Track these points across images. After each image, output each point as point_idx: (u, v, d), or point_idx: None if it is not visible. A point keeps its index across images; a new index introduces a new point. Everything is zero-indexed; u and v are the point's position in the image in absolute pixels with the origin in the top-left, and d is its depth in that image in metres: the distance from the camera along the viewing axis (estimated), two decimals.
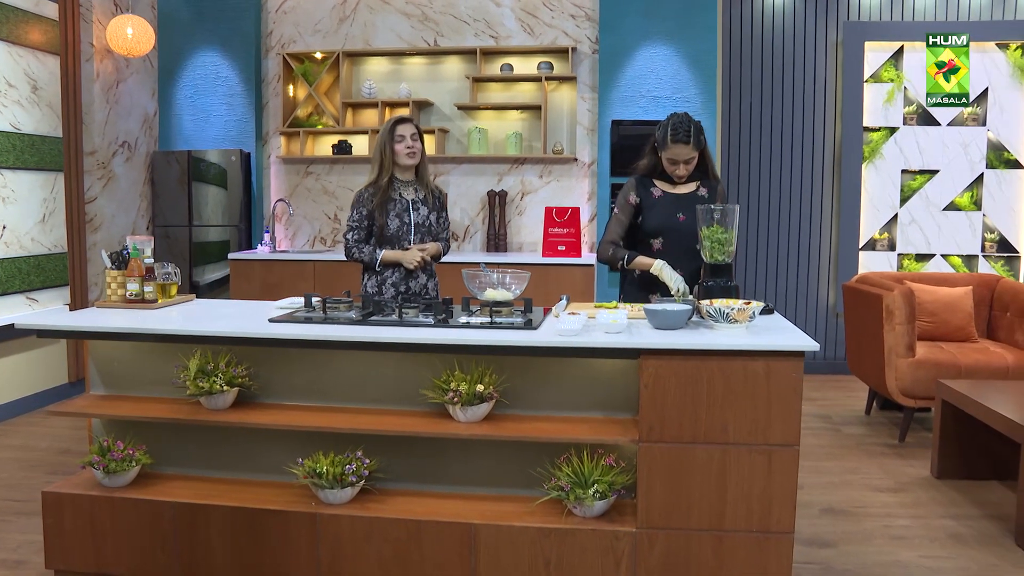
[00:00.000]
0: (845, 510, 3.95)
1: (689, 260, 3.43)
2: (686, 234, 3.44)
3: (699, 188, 3.54)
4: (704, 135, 3.48)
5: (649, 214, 3.54)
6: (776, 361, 2.67)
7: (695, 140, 3.41)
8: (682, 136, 3.40)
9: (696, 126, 3.43)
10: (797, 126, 6.88)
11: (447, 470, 3.04)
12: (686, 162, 3.46)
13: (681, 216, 3.49)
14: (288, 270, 6.24)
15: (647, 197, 3.55)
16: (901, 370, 4.91)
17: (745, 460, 2.70)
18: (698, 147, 3.44)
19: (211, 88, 6.73)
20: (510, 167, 6.74)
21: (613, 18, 6.37)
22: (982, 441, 4.37)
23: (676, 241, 3.49)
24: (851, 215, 6.84)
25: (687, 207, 3.48)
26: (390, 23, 6.66)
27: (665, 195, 3.54)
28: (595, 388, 2.97)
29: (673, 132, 3.41)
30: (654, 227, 3.53)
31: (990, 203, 6.78)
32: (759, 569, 2.72)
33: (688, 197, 3.53)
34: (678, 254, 3.47)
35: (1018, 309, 5.26)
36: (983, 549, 3.53)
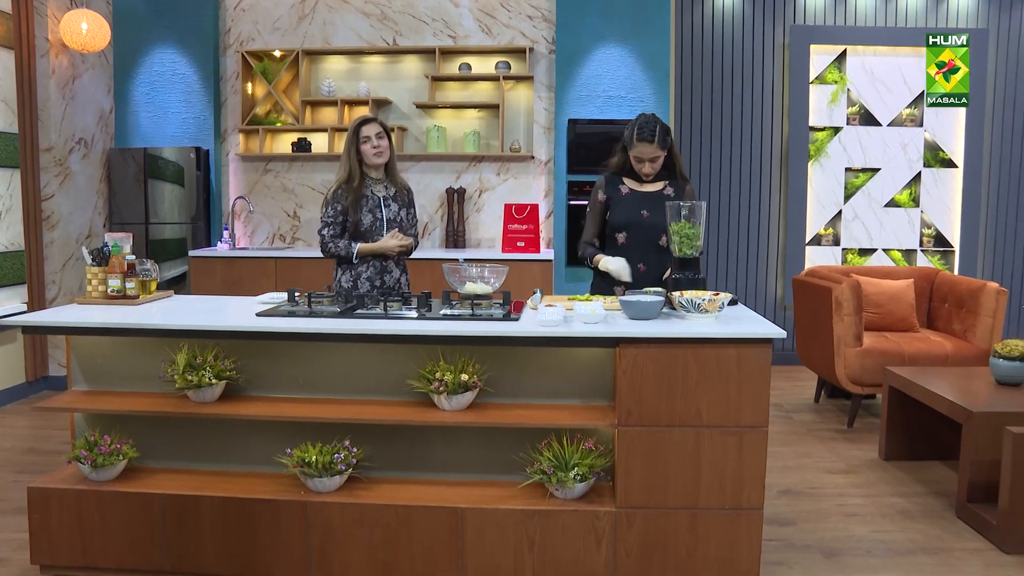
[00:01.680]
0: (801, 491, 4.16)
1: (651, 254, 3.64)
2: (649, 229, 3.62)
3: (666, 187, 3.70)
4: (671, 136, 3.64)
5: (616, 210, 3.70)
6: (746, 348, 2.84)
7: (660, 140, 3.57)
8: (647, 135, 3.56)
9: (663, 127, 3.59)
10: (746, 125, 7.12)
11: (431, 458, 3.15)
12: (651, 160, 3.62)
13: (645, 213, 3.65)
14: (249, 267, 6.26)
15: (615, 194, 3.71)
16: (849, 359, 5.16)
17: (718, 441, 2.87)
18: (663, 147, 3.60)
19: (169, 85, 6.70)
20: (468, 165, 6.85)
21: (569, 19, 6.52)
22: (925, 425, 4.63)
23: (639, 236, 3.66)
24: (798, 211, 7.11)
25: (652, 205, 3.65)
26: (349, 22, 6.71)
27: (632, 192, 3.70)
28: (572, 377, 3.11)
29: (639, 131, 3.57)
30: (619, 222, 3.69)
31: (927, 200, 7.11)
32: (731, 543, 2.89)
33: (654, 195, 3.68)
34: (641, 248, 3.65)
35: (956, 300, 5.55)
36: (928, 522, 3.77)
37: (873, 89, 7.02)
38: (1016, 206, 7.16)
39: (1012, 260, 7.19)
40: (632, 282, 3.61)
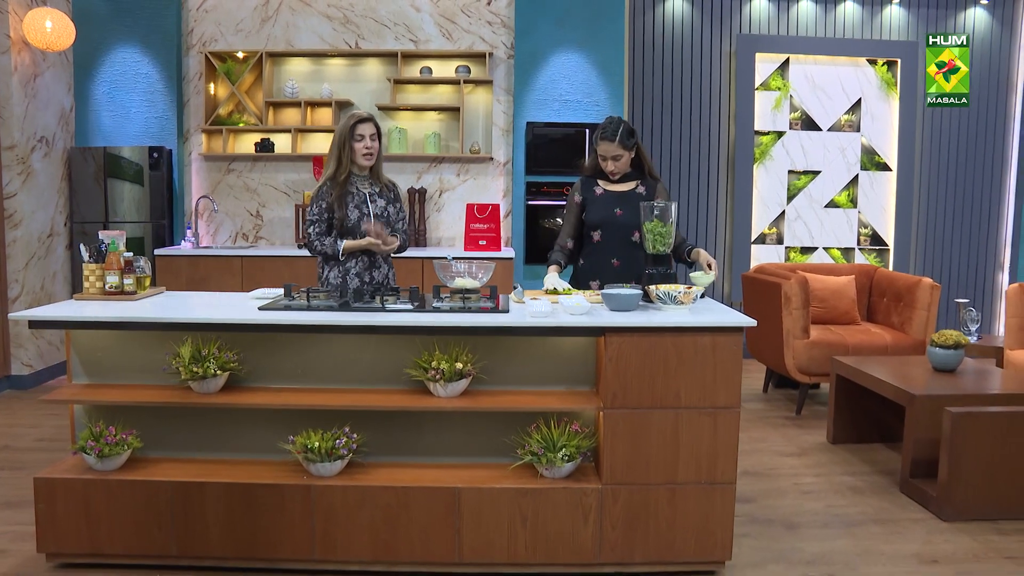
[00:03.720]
0: (759, 472, 4.45)
1: (624, 250, 3.87)
2: (622, 227, 3.86)
3: (638, 187, 3.94)
4: (634, 138, 3.87)
5: (591, 209, 3.93)
6: (720, 336, 3.10)
7: (621, 139, 3.79)
8: (608, 135, 3.80)
9: (626, 128, 3.82)
10: (695, 129, 7.44)
11: (426, 443, 3.34)
12: (614, 159, 3.85)
13: (619, 211, 3.88)
14: (214, 265, 6.34)
15: (590, 195, 3.94)
16: (797, 350, 5.49)
17: (695, 421, 3.12)
18: (625, 146, 3.82)
19: (131, 85, 6.73)
20: (429, 166, 7.03)
21: (527, 26, 6.75)
22: (868, 410, 4.98)
23: (613, 233, 3.89)
24: (744, 212, 7.45)
25: (624, 203, 3.88)
26: (312, 25, 6.83)
27: (606, 192, 3.93)
28: (557, 365, 3.33)
29: (602, 131, 3.82)
30: (595, 221, 3.92)
31: (864, 201, 7.53)
32: (707, 514, 3.14)
33: (626, 195, 3.92)
34: (615, 244, 3.89)
35: (894, 295, 5.94)
36: (876, 497, 4.10)
37: (814, 96, 7.41)
38: (945, 207, 7.63)
39: (942, 257, 7.66)
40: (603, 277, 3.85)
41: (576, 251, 4.00)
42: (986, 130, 7.59)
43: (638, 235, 3.81)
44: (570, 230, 3.98)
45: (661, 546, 3.16)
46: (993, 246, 7.71)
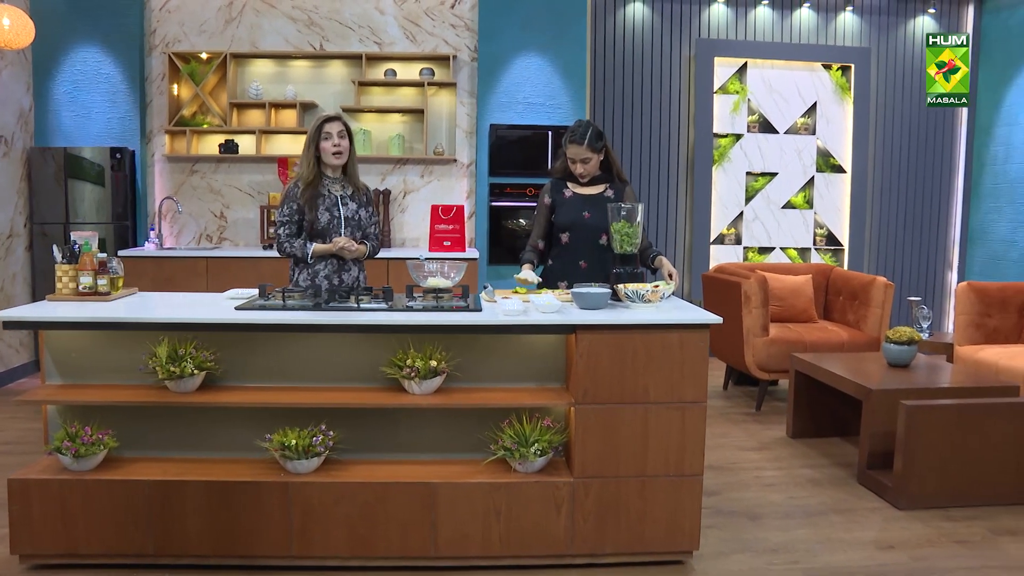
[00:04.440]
0: (722, 466, 4.58)
1: (592, 252, 3.96)
2: (590, 229, 3.95)
3: (607, 190, 4.03)
4: (602, 141, 3.96)
5: (560, 211, 4.01)
6: (687, 333, 3.21)
7: (589, 142, 3.88)
8: (576, 137, 3.89)
9: (594, 131, 3.90)
10: (656, 132, 7.58)
11: (401, 440, 3.40)
12: (583, 161, 3.94)
13: (587, 214, 3.97)
14: (179, 266, 6.32)
15: (559, 197, 4.02)
16: (757, 348, 5.64)
17: (663, 416, 3.22)
18: (593, 149, 3.90)
19: (92, 85, 6.68)
20: (393, 167, 7.07)
21: (491, 29, 6.83)
22: (826, 405, 5.14)
23: (581, 235, 3.98)
24: (703, 213, 7.61)
25: (593, 207, 3.97)
26: (276, 26, 6.84)
27: (575, 195, 4.02)
28: (528, 362, 3.41)
29: (570, 134, 3.91)
30: (563, 223, 4.00)
31: (819, 202, 7.73)
32: (676, 506, 3.25)
33: (595, 198, 4.01)
34: (582, 246, 3.98)
35: (849, 294, 6.12)
36: (835, 488, 4.25)
37: (771, 99, 7.59)
38: (897, 207, 7.87)
39: (895, 256, 7.89)
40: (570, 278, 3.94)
41: (547, 251, 4.08)
42: (935, 134, 7.85)
43: (605, 238, 3.90)
44: (540, 231, 4.06)
45: (631, 537, 3.25)
46: (942, 246, 7.97)
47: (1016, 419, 4.02)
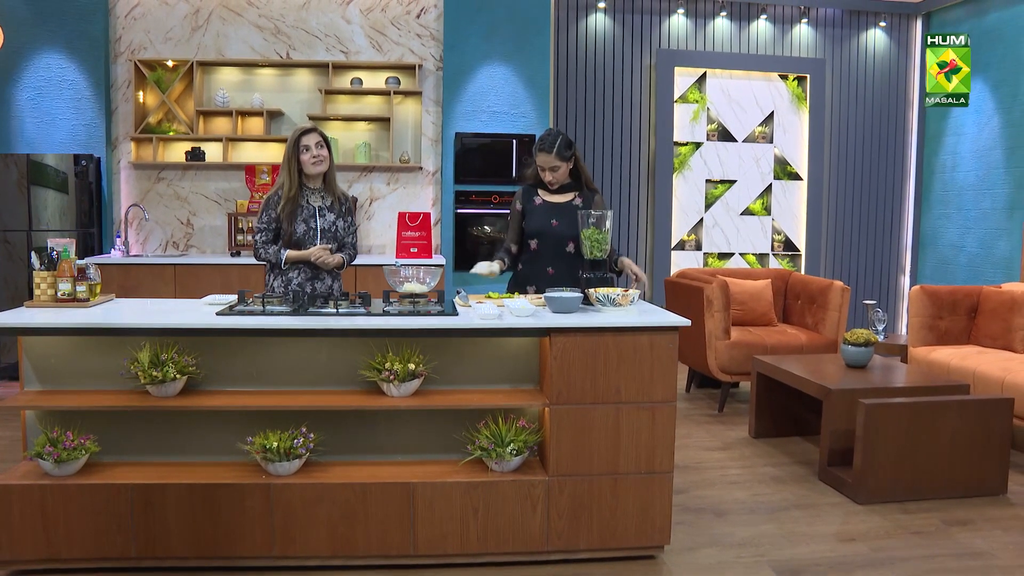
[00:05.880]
0: (688, 465, 4.71)
1: (560, 259, 4.06)
2: (558, 237, 4.06)
3: (576, 198, 4.13)
4: (570, 151, 4.06)
5: (529, 219, 4.11)
6: (657, 335, 3.33)
7: (557, 151, 3.98)
8: (545, 146, 4.00)
9: (563, 140, 4.00)
10: (617, 140, 7.74)
11: (380, 441, 3.48)
12: (551, 169, 4.04)
13: (555, 222, 4.07)
14: (146, 273, 6.31)
15: (529, 205, 4.13)
16: (719, 351, 5.80)
17: (634, 415, 3.33)
18: (562, 157, 4.00)
19: (56, 91, 6.65)
20: (359, 175, 7.13)
21: (456, 39, 6.93)
22: (786, 406, 5.30)
23: (549, 242, 4.09)
24: (664, 219, 7.78)
25: (561, 215, 4.08)
26: (243, 35, 6.87)
27: (544, 203, 4.12)
28: (503, 365, 3.51)
29: (540, 142, 4.02)
30: (532, 230, 4.10)
31: (777, 209, 7.95)
32: (647, 502, 3.36)
33: (563, 206, 4.11)
34: (550, 254, 4.08)
35: (807, 297, 6.32)
36: (797, 486, 4.40)
37: (729, 109, 7.79)
38: (852, 214, 8.11)
39: (850, 261, 8.13)
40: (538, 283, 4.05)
41: (518, 256, 4.18)
42: (887, 143, 8.11)
43: (573, 245, 4.02)
44: (513, 236, 4.16)
45: (605, 533, 3.36)
46: (895, 251, 8.23)
47: (966, 416, 4.21)
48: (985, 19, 7.36)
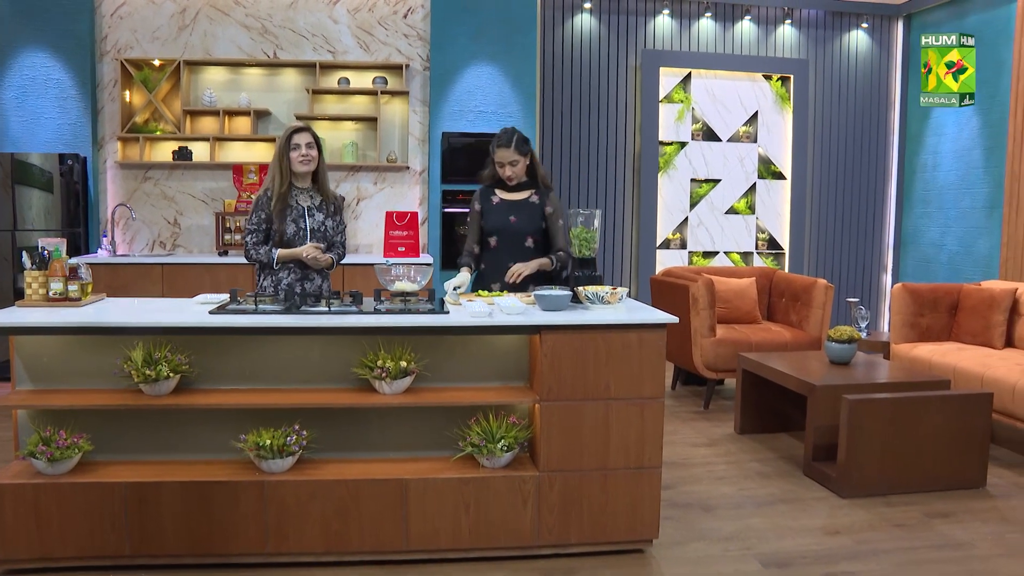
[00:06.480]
0: (674, 462, 4.77)
1: (520, 256, 4.15)
2: (517, 233, 4.18)
3: (532, 195, 4.22)
4: (528, 145, 4.16)
5: (488, 217, 4.21)
6: (646, 332, 3.38)
7: (516, 145, 4.10)
8: (504, 141, 4.10)
9: (520, 136, 4.13)
10: (603, 139, 7.80)
11: (372, 438, 3.51)
12: (511, 164, 4.13)
13: (513, 219, 4.17)
14: (134, 273, 6.31)
15: (487, 204, 4.22)
16: (705, 348, 5.86)
17: (624, 411, 3.39)
18: (520, 152, 4.12)
19: (41, 90, 6.63)
20: (346, 174, 7.15)
21: (443, 39, 6.96)
22: (771, 402, 5.37)
23: (508, 239, 4.18)
24: (649, 218, 7.84)
25: (519, 211, 4.18)
26: (230, 34, 6.88)
27: (502, 201, 4.21)
28: (493, 362, 3.55)
29: (498, 139, 4.13)
30: (491, 228, 4.20)
31: (761, 208, 8.03)
32: (636, 497, 3.41)
33: (520, 203, 4.20)
34: (510, 250, 4.18)
35: (791, 295, 6.39)
36: (783, 481, 4.47)
37: (714, 109, 7.87)
38: (835, 212, 8.21)
39: (833, 259, 8.23)
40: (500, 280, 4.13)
41: (480, 255, 4.25)
42: (870, 143, 8.21)
43: (532, 241, 4.16)
44: (475, 237, 4.26)
45: (595, 528, 3.41)
46: (877, 250, 8.34)
47: (947, 411, 4.29)
48: (965, 21, 7.46)
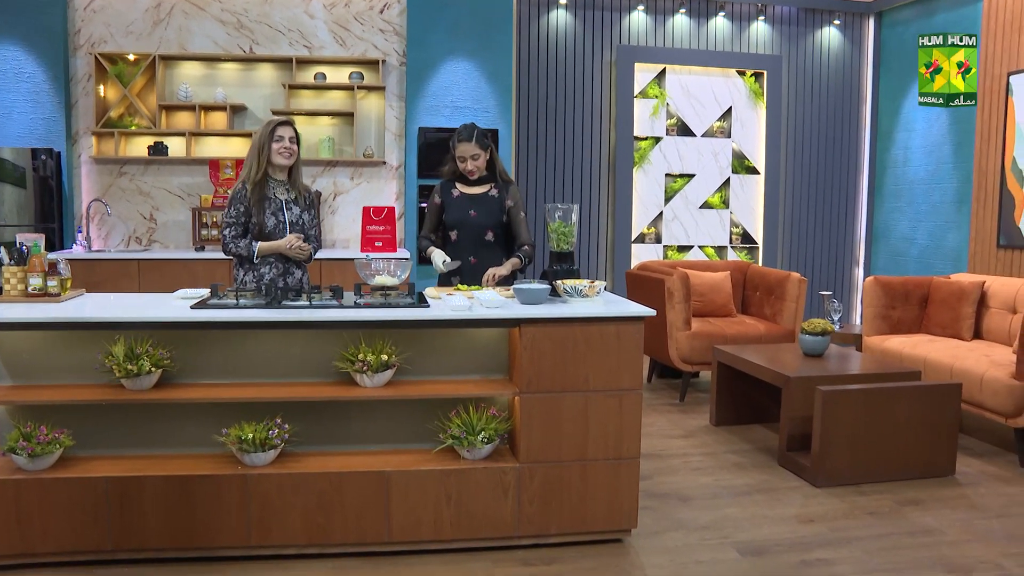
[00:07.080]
0: (652, 453, 4.83)
1: (480, 248, 4.26)
2: (477, 227, 4.26)
3: (491, 189, 4.29)
4: (488, 140, 4.23)
5: (449, 211, 4.28)
6: (624, 325, 3.43)
7: (477, 139, 4.18)
8: (465, 136, 4.19)
9: (480, 130, 4.21)
10: (579, 134, 7.85)
11: (354, 431, 3.54)
12: (472, 158, 4.21)
13: (473, 212, 4.24)
14: (110, 269, 6.27)
15: (448, 198, 4.29)
16: (680, 341, 5.93)
17: (602, 403, 3.44)
18: (481, 145, 4.20)
19: (12, 84, 6.56)
20: (323, 169, 7.15)
21: (420, 34, 6.97)
22: (746, 394, 5.45)
23: (468, 232, 4.27)
24: (624, 213, 7.91)
25: (478, 205, 4.26)
26: (206, 29, 6.84)
27: (462, 195, 4.28)
28: (473, 355, 3.59)
29: (459, 134, 4.22)
30: (451, 221, 4.28)
31: (735, 202, 8.12)
32: (615, 487, 3.47)
33: (480, 197, 4.28)
34: (470, 243, 4.27)
35: (765, 289, 6.48)
36: (758, 471, 4.55)
37: (688, 104, 7.94)
38: (808, 207, 8.32)
39: (806, 253, 8.34)
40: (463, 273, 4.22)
41: (438, 246, 4.32)
42: (842, 138, 8.33)
43: (492, 234, 4.24)
44: (431, 226, 4.36)
45: (574, 518, 3.46)
46: (849, 243, 8.46)
47: (918, 401, 4.39)
48: (933, 19, 7.58)
